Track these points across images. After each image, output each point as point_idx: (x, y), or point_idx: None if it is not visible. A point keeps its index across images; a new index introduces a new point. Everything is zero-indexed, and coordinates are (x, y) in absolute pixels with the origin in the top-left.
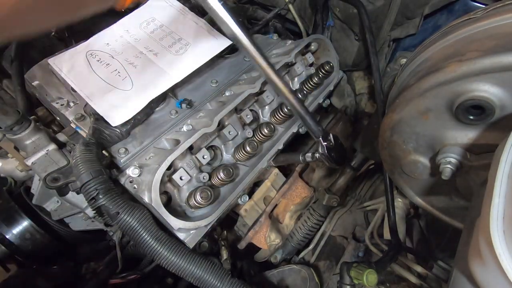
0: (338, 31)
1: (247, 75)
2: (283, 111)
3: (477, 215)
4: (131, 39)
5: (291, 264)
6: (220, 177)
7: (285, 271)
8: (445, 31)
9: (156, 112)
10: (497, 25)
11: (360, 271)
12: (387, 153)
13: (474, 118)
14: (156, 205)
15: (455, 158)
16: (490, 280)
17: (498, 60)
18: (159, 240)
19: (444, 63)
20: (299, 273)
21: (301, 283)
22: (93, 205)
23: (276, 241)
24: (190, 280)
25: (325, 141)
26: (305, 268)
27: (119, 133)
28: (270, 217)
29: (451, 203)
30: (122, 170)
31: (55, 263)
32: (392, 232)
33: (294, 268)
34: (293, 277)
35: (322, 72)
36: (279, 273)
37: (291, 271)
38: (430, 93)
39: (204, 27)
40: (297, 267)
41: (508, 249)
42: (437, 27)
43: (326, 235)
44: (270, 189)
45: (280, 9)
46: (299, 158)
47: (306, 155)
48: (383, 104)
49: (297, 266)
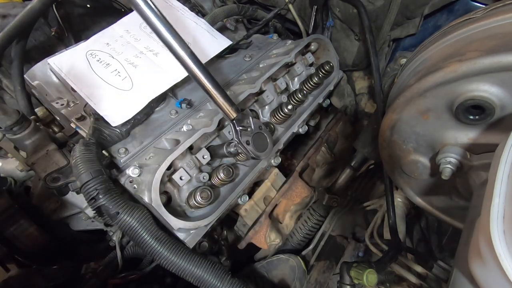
0: (338, 31)
1: (247, 75)
2: (283, 111)
3: (477, 215)
4: (131, 39)
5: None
6: (220, 177)
7: (273, 261)
8: (445, 31)
9: (156, 112)
10: (497, 25)
11: (360, 271)
12: (387, 153)
13: (474, 118)
14: (156, 205)
15: (455, 158)
16: (490, 280)
17: (498, 60)
18: (159, 240)
19: (444, 63)
20: (287, 262)
21: (290, 271)
22: (93, 205)
23: (276, 241)
24: (190, 280)
25: (240, 125)
26: (293, 257)
27: (119, 133)
28: (270, 217)
29: (451, 203)
30: (122, 170)
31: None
32: (392, 232)
33: (282, 258)
34: (281, 266)
35: (322, 72)
36: (268, 263)
37: (279, 261)
38: (430, 93)
39: (204, 27)
40: (285, 256)
41: (508, 249)
42: (437, 27)
43: (326, 235)
44: (270, 189)
45: (280, 9)
46: (224, 151)
47: (230, 145)
48: (383, 104)
49: (285, 255)
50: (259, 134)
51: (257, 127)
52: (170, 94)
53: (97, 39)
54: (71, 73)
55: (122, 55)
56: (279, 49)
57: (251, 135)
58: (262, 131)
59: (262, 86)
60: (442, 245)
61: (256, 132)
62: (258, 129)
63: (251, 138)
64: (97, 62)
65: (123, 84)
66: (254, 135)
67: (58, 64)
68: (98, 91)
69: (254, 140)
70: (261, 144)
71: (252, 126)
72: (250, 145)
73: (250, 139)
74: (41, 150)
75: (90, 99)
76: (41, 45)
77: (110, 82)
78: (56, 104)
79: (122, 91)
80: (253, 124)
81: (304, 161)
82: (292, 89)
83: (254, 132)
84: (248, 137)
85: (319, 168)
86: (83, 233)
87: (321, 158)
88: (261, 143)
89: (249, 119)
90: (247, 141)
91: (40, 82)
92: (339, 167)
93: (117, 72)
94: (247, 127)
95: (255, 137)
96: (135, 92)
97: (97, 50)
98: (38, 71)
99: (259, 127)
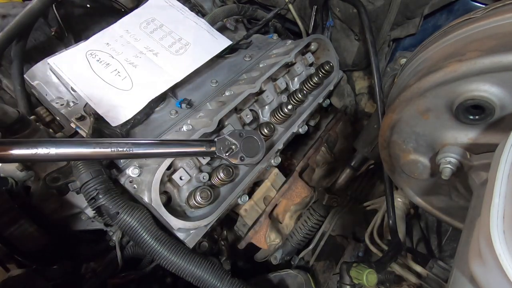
0: (338, 31)
1: (247, 75)
2: (283, 111)
3: (477, 215)
4: (131, 39)
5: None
6: (220, 177)
7: (281, 276)
8: (445, 31)
9: (156, 112)
10: (497, 25)
11: (360, 271)
12: (387, 153)
13: (474, 118)
14: (156, 205)
15: (455, 158)
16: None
17: (498, 60)
18: (159, 240)
19: (444, 63)
20: (296, 278)
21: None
22: (93, 205)
23: (276, 241)
24: (190, 280)
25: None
26: (302, 273)
27: (119, 133)
28: (270, 217)
29: (451, 203)
30: (122, 170)
31: (55, 263)
32: (392, 232)
33: (291, 273)
34: (289, 282)
35: (322, 72)
36: (276, 277)
37: (288, 276)
38: (430, 93)
39: (204, 27)
40: (294, 272)
41: (508, 249)
42: (437, 27)
43: (326, 235)
44: (270, 189)
45: (280, 9)
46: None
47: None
48: (383, 104)
49: (294, 271)
50: (245, 141)
51: (238, 137)
52: (170, 94)
53: (97, 39)
54: (71, 73)
55: (122, 55)
56: (279, 49)
57: (238, 149)
58: (245, 137)
59: (262, 86)
60: (442, 245)
61: (242, 142)
62: (240, 138)
63: (241, 151)
64: (97, 62)
65: (123, 84)
66: (242, 147)
67: (58, 64)
68: (98, 91)
69: (245, 151)
70: (252, 147)
71: (235, 143)
72: (245, 159)
73: (242, 154)
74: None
75: (90, 99)
76: (41, 45)
77: (110, 82)
78: (56, 104)
79: (122, 91)
80: (234, 140)
81: (304, 161)
82: (292, 89)
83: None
84: (238, 154)
85: (319, 168)
86: (83, 233)
87: (321, 158)
88: (251, 147)
89: (225, 140)
90: (241, 158)
91: (40, 82)
92: (339, 167)
93: (117, 72)
94: (231, 147)
95: (244, 147)
96: (135, 92)
97: (97, 50)
98: (38, 71)
99: (240, 135)
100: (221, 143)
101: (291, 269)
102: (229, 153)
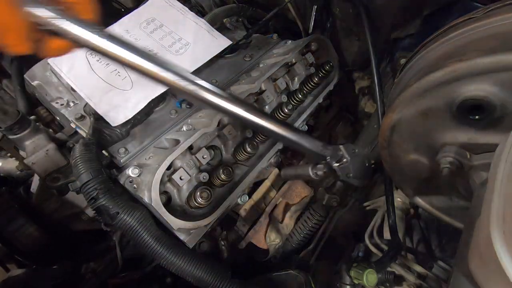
0: (338, 31)
1: (247, 75)
2: (283, 111)
3: (477, 215)
4: (131, 39)
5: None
6: (220, 177)
7: (281, 276)
8: (445, 31)
9: (156, 112)
10: (497, 25)
11: (360, 271)
12: (387, 153)
13: (474, 118)
14: (156, 205)
15: (455, 158)
16: (490, 280)
17: (498, 60)
18: (159, 240)
19: (444, 62)
20: (296, 278)
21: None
22: (93, 205)
23: (276, 241)
24: (190, 280)
25: (338, 162)
26: (302, 273)
27: (119, 133)
28: (270, 217)
29: (451, 203)
30: (122, 170)
31: (55, 263)
32: (392, 232)
33: (291, 273)
34: (289, 282)
35: (322, 72)
36: (276, 277)
37: (288, 276)
38: (430, 93)
39: (204, 27)
40: (294, 273)
41: (508, 249)
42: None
43: (326, 235)
44: (270, 189)
45: (279, 9)
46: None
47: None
48: (383, 104)
49: (294, 271)
50: (355, 159)
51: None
52: (170, 94)
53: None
54: (71, 73)
55: None
56: (279, 49)
57: (348, 165)
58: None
59: (262, 86)
60: (442, 245)
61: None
62: (352, 154)
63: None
64: (97, 62)
65: (123, 84)
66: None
67: (58, 64)
68: (98, 91)
69: (353, 168)
70: (359, 168)
71: (347, 158)
72: (350, 177)
73: (350, 171)
74: (40, 150)
75: (90, 99)
76: None
77: (110, 82)
78: (56, 104)
79: (122, 91)
80: (346, 154)
81: (304, 161)
82: (292, 89)
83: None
84: (346, 169)
85: None
86: (83, 233)
87: None
88: (358, 167)
89: (339, 150)
90: (347, 174)
91: (40, 82)
92: None
93: (117, 72)
94: (343, 159)
95: (353, 165)
96: (135, 92)
97: None
98: (38, 71)
99: (353, 151)
100: (334, 150)
101: (291, 269)
102: (340, 164)
